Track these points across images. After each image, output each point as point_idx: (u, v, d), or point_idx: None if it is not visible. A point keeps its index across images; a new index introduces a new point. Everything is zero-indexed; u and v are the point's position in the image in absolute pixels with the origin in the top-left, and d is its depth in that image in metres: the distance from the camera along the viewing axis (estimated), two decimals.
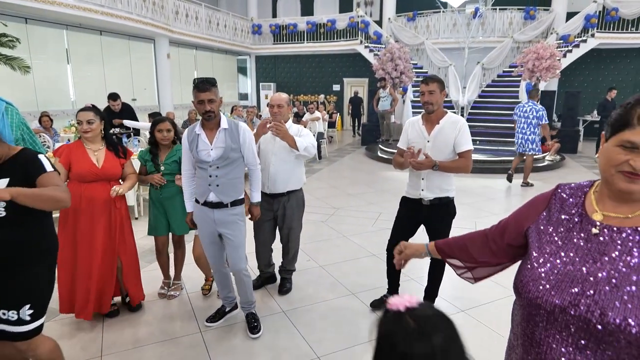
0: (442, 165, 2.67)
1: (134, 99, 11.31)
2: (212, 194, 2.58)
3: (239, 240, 2.70)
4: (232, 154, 2.56)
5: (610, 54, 13.28)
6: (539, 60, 9.44)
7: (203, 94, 2.43)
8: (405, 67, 10.77)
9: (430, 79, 2.72)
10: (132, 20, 9.84)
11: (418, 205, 2.85)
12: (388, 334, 0.82)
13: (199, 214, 2.68)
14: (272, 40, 15.89)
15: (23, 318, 1.77)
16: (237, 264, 2.71)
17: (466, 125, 2.74)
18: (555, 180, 7.74)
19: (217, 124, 2.56)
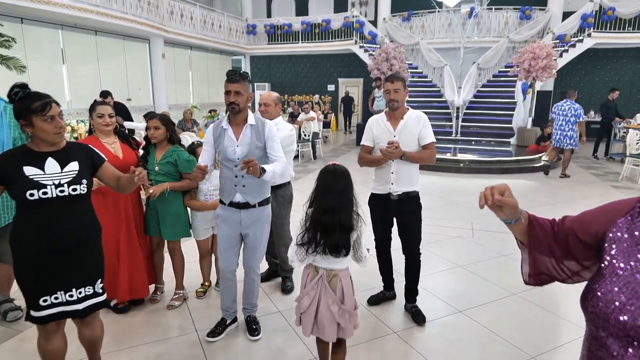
0: (409, 155, 2.76)
1: (129, 98, 11.23)
2: (239, 194, 2.53)
3: (262, 241, 2.68)
4: (257, 151, 2.50)
5: (607, 54, 13.29)
6: (535, 60, 9.41)
7: (231, 85, 2.40)
8: (400, 67, 10.73)
9: (395, 77, 2.84)
10: (127, 20, 9.76)
11: (386, 201, 2.91)
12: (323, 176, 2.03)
13: (224, 215, 2.61)
14: (266, 41, 15.83)
15: (98, 291, 2.03)
16: (251, 262, 2.69)
17: (427, 119, 2.87)
18: (552, 180, 7.72)
19: (244, 119, 2.53)
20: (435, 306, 3.15)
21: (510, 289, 3.40)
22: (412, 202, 2.91)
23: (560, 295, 3.30)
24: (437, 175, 7.83)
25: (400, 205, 2.89)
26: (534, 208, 5.81)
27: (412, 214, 2.91)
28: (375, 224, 3.05)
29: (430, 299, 3.23)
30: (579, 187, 7.21)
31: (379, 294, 3.24)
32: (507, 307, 3.16)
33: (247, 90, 2.46)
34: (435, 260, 3.97)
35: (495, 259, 4.04)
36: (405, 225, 2.94)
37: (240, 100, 2.43)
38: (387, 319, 2.99)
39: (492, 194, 1.13)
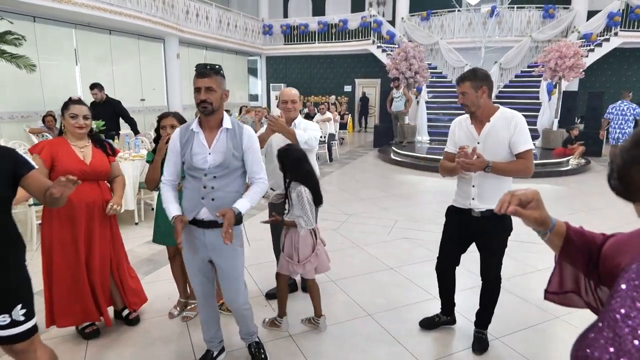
0: (496, 167, 2.27)
1: (142, 99, 11.14)
2: (205, 209, 2.08)
3: (237, 271, 2.22)
4: (233, 161, 2.11)
5: (635, 54, 12.76)
6: (562, 59, 9.01)
7: (201, 80, 2.01)
8: (419, 67, 10.40)
9: (462, 78, 2.40)
10: (141, 19, 9.64)
11: (467, 218, 2.49)
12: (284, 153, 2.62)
13: (186, 233, 2.16)
14: (282, 41, 15.64)
15: (16, 319, 1.68)
16: (235, 299, 2.26)
17: (523, 121, 2.36)
18: (580, 185, 7.33)
19: (219, 122, 2.12)
20: (467, 330, 2.84)
21: (552, 310, 3.07)
22: (498, 223, 2.40)
23: None
24: (454, 179, 7.48)
25: (483, 224, 2.43)
26: (567, 215, 5.45)
27: (496, 236, 2.46)
28: (445, 240, 2.67)
29: (460, 322, 2.92)
30: (611, 192, 6.77)
31: (433, 317, 2.87)
32: (550, 333, 2.84)
33: (222, 86, 2.07)
34: (462, 274, 3.66)
35: (531, 274, 3.71)
36: (485, 248, 2.53)
37: (214, 98, 2.03)
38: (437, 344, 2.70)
39: (510, 202, 0.97)
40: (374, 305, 3.14)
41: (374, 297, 3.27)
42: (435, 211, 5.52)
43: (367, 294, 3.31)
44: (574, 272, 1.03)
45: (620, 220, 5.23)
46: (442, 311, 2.88)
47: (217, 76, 2.05)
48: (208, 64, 2.08)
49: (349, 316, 2.99)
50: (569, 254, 1.00)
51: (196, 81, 2.04)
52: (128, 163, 4.79)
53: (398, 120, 10.47)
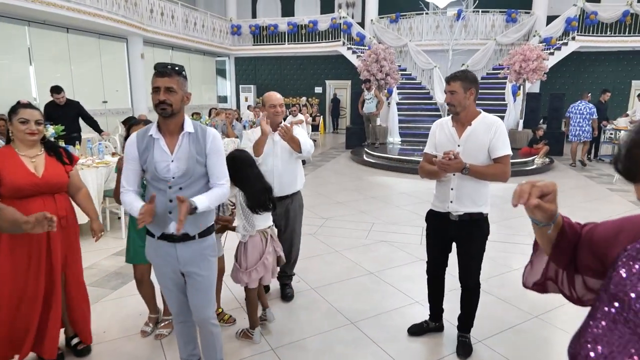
0: (473, 170, 2.29)
1: (104, 101, 10.68)
2: (173, 224, 1.92)
3: (210, 281, 2.10)
4: (198, 168, 1.95)
5: (590, 57, 13.35)
6: (526, 62, 9.29)
7: (160, 80, 1.85)
8: (390, 69, 10.48)
9: (452, 77, 2.38)
10: (102, 17, 9.23)
11: (445, 221, 2.48)
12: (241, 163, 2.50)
13: (155, 250, 2.05)
14: (252, 41, 15.41)
15: None
16: (203, 311, 2.11)
17: (503, 127, 2.39)
18: None
19: (180, 126, 1.95)
20: (452, 335, 2.82)
21: (530, 310, 3.11)
22: (475, 226, 2.43)
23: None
24: (427, 180, 7.56)
25: (460, 227, 2.44)
26: None
27: (473, 240, 2.45)
28: (429, 245, 2.67)
29: (446, 326, 2.91)
30: (576, 190, 7.05)
31: (421, 323, 2.83)
32: (530, 332, 2.86)
33: (183, 87, 1.91)
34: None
35: (507, 274, 3.75)
36: (463, 252, 2.51)
37: (174, 100, 1.86)
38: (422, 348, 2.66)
39: (531, 193, 0.93)
40: (356, 312, 3.08)
41: (355, 303, 3.21)
42: (411, 212, 5.54)
43: (348, 301, 3.24)
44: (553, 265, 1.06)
45: (585, 218, 5.37)
46: (430, 317, 2.86)
47: (178, 77, 1.89)
48: (169, 63, 1.94)
49: (332, 325, 2.92)
50: (560, 247, 1.00)
51: (155, 80, 1.88)
52: (91, 170, 4.49)
53: (370, 121, 10.51)
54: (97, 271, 3.74)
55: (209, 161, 1.98)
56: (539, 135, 9.28)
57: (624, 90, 12.97)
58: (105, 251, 4.21)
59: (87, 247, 2.69)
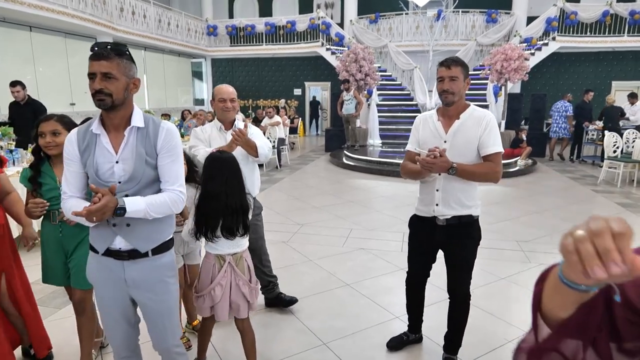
0: (461, 169, 2.03)
1: (72, 103, 10.16)
2: (119, 238, 1.62)
3: (169, 306, 1.75)
4: (147, 170, 1.61)
5: (570, 58, 13.37)
6: (507, 62, 9.15)
7: (96, 64, 1.50)
8: (370, 69, 10.22)
9: (453, 61, 2.09)
10: (68, 15, 8.74)
11: (431, 226, 2.21)
12: (210, 163, 2.04)
13: (97, 269, 1.69)
14: (228, 42, 15.01)
15: None
16: (165, 340, 1.77)
17: (495, 121, 2.14)
18: (530, 185, 7.37)
19: (126, 120, 1.61)
20: (434, 350, 2.51)
21: (521, 325, 2.82)
22: (464, 231, 2.18)
23: None
24: (409, 182, 7.30)
25: (450, 233, 2.17)
26: (520, 217, 5.36)
27: (463, 246, 2.20)
28: (412, 252, 2.42)
29: (427, 345, 2.59)
30: (560, 192, 6.87)
31: (401, 336, 2.57)
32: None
33: (127, 72, 1.56)
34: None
35: (494, 283, 3.47)
36: (452, 260, 2.24)
37: (113, 89, 1.52)
38: None
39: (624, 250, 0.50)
40: (331, 330, 2.74)
41: (330, 320, 2.87)
42: (391, 217, 5.24)
43: (322, 318, 2.90)
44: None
45: (572, 221, 5.18)
46: (409, 329, 2.59)
47: (119, 59, 1.53)
48: (108, 42, 1.57)
49: (302, 347, 2.57)
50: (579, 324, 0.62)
51: (90, 65, 1.52)
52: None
53: (349, 123, 10.22)
54: (42, 287, 3.30)
55: (159, 161, 1.63)
56: (521, 137, 9.13)
57: (604, 91, 12.98)
58: None
59: (30, 261, 2.31)
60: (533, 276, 3.40)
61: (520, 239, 4.51)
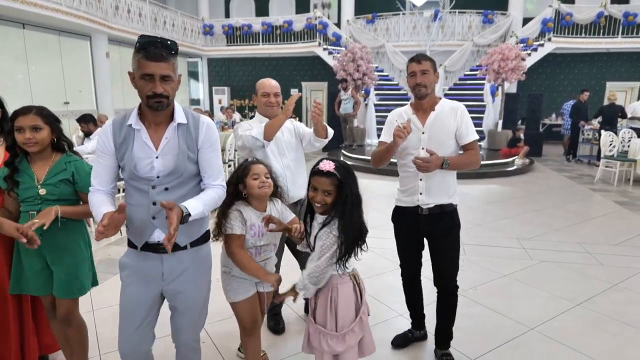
0: (452, 162, 2.15)
1: (66, 102, 10.05)
2: (158, 231, 1.59)
3: (202, 299, 1.76)
4: (189, 166, 1.60)
5: (566, 59, 13.44)
6: (504, 61, 9.17)
7: (153, 65, 1.45)
8: (367, 69, 10.21)
9: (422, 56, 2.22)
10: (62, 12, 8.64)
11: (414, 217, 2.27)
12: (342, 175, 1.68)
13: (134, 262, 1.65)
14: (225, 42, 14.94)
15: None
16: (188, 332, 1.75)
17: (466, 110, 2.25)
18: (527, 185, 7.38)
19: (169, 116, 1.59)
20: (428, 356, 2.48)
21: (525, 322, 2.79)
22: (448, 219, 2.27)
23: (592, 329, 2.73)
24: None
25: (432, 221, 2.24)
26: (520, 215, 5.34)
27: (447, 234, 2.26)
28: (400, 246, 2.45)
29: (432, 342, 2.55)
30: (557, 191, 6.87)
31: (405, 333, 2.57)
32: (527, 348, 2.53)
33: (176, 70, 1.54)
34: (425, 285, 3.33)
35: (496, 280, 3.44)
36: (438, 249, 2.30)
37: (170, 90, 1.51)
38: None
39: None
40: None
41: None
42: (387, 217, 5.20)
43: None
44: None
45: (570, 219, 5.20)
46: (413, 325, 2.59)
47: (172, 58, 1.50)
48: (159, 38, 1.50)
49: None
50: None
51: (145, 65, 1.46)
52: None
53: (347, 123, 10.19)
54: None
55: (201, 156, 1.63)
56: (518, 135, 9.14)
57: (598, 92, 13.06)
58: None
59: None
60: (535, 273, 3.41)
61: (520, 236, 4.49)
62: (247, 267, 1.84)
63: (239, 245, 1.85)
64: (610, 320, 2.82)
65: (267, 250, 1.97)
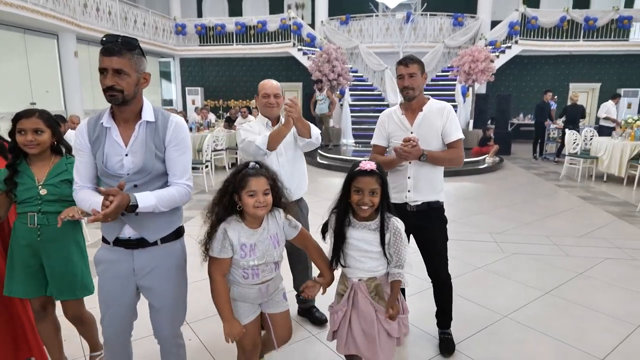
0: (431, 155, 2.24)
1: (32, 102, 9.71)
2: (128, 227, 1.64)
3: (176, 295, 1.77)
4: (156, 163, 1.63)
5: (532, 61, 13.95)
6: (474, 63, 9.47)
7: (108, 59, 1.50)
8: (342, 69, 10.33)
9: (410, 59, 2.29)
10: (27, 9, 8.35)
11: (402, 213, 2.30)
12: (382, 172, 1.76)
13: (107, 258, 1.70)
14: (198, 42, 14.77)
15: None
16: (167, 327, 1.78)
17: (453, 111, 2.37)
18: (498, 181, 7.65)
19: (137, 114, 1.63)
20: (423, 342, 2.58)
21: (499, 310, 2.93)
22: (435, 215, 2.38)
23: (559, 314, 2.90)
24: None
25: (420, 218, 2.33)
26: (492, 211, 5.55)
27: (434, 229, 2.37)
28: None
29: (414, 332, 2.65)
30: (526, 187, 7.16)
31: None
32: (502, 333, 2.67)
33: (139, 68, 1.57)
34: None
35: (472, 272, 3.58)
36: (427, 243, 2.41)
37: (125, 85, 1.53)
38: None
39: None
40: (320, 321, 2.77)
41: (317, 313, 2.89)
42: None
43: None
44: None
45: (538, 214, 5.44)
46: None
47: (131, 54, 1.54)
48: (120, 35, 1.56)
49: (293, 339, 2.57)
50: None
51: (101, 60, 1.52)
52: None
53: (322, 123, 10.28)
54: None
55: (167, 154, 1.66)
56: (489, 135, 9.45)
57: (562, 92, 13.64)
58: None
59: None
60: (507, 264, 3.56)
61: (492, 231, 4.68)
62: (216, 301, 1.72)
63: (217, 269, 1.70)
64: (575, 306, 3.00)
65: (265, 270, 1.77)
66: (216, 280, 1.70)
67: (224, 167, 8.69)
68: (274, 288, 1.86)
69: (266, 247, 1.74)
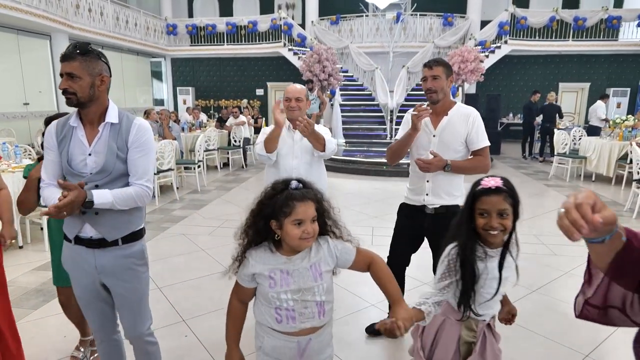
0: (455, 165, 2.21)
1: (26, 103, 9.67)
2: (88, 226, 1.69)
3: (139, 293, 1.83)
4: (117, 164, 1.68)
5: (521, 60, 14.12)
6: (464, 63, 9.58)
7: (62, 65, 1.61)
8: (333, 70, 10.39)
9: (435, 61, 2.28)
10: (20, 11, 8.31)
11: (420, 214, 2.37)
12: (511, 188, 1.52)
13: (71, 256, 1.77)
14: (189, 42, 14.76)
15: None
16: (135, 328, 1.84)
17: (480, 117, 2.31)
18: None
19: (101, 115, 1.70)
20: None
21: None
22: (452, 218, 2.37)
23: (546, 311, 2.99)
24: (374, 180, 7.52)
25: (436, 221, 2.32)
26: None
27: None
28: (397, 237, 2.55)
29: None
30: (516, 186, 7.25)
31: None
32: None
33: (92, 70, 1.63)
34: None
35: None
36: (439, 247, 2.42)
37: (77, 87, 1.60)
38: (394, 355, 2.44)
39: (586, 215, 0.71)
40: None
41: None
42: (358, 212, 5.38)
43: None
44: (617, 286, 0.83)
45: (527, 213, 5.54)
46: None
47: (83, 58, 1.61)
48: (78, 42, 1.65)
49: None
50: (626, 266, 0.79)
51: (61, 65, 1.63)
52: (7, 175, 4.07)
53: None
54: (14, 288, 3.27)
55: (129, 155, 1.71)
56: None
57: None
58: (25, 266, 3.75)
59: (5, 261, 2.24)
60: None
61: None
62: (226, 323, 1.48)
63: (235, 293, 1.47)
64: (562, 304, 3.10)
65: (304, 313, 1.36)
66: (231, 303, 1.48)
67: (216, 167, 8.73)
68: (318, 346, 1.43)
69: (303, 279, 1.36)
